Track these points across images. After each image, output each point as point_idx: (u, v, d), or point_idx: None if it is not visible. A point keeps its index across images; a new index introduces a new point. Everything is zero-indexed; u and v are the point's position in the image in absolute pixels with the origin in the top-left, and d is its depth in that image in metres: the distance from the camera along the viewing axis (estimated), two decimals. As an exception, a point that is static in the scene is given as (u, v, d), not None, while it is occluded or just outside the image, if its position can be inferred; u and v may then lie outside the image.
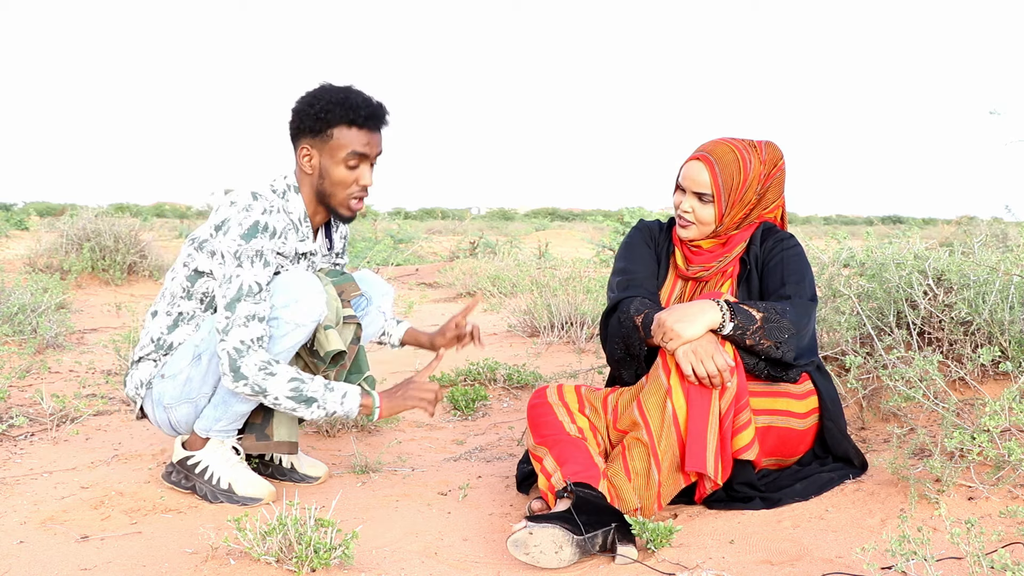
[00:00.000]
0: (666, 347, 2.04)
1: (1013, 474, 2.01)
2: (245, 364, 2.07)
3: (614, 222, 10.88)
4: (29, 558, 1.91)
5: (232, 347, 2.07)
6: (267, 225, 2.13)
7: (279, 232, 2.16)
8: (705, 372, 1.98)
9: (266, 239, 2.13)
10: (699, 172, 2.23)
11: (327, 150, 2.21)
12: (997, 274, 2.69)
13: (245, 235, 2.11)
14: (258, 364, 2.08)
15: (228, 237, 2.12)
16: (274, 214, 2.16)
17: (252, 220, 2.12)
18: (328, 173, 2.23)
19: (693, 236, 2.28)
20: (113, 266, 6.86)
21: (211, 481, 2.26)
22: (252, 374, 2.07)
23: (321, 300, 2.15)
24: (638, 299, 2.21)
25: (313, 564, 1.76)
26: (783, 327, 2.06)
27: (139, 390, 2.31)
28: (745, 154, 2.23)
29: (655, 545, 1.88)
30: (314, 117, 2.19)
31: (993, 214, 10.73)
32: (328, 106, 2.18)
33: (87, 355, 4.17)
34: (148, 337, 2.30)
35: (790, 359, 2.08)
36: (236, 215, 2.13)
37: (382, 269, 8.05)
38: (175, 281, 2.27)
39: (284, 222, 2.19)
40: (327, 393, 2.13)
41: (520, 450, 2.75)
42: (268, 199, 2.18)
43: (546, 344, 4.43)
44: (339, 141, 2.20)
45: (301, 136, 2.23)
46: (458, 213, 26.41)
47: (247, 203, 2.15)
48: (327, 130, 2.20)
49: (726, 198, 2.22)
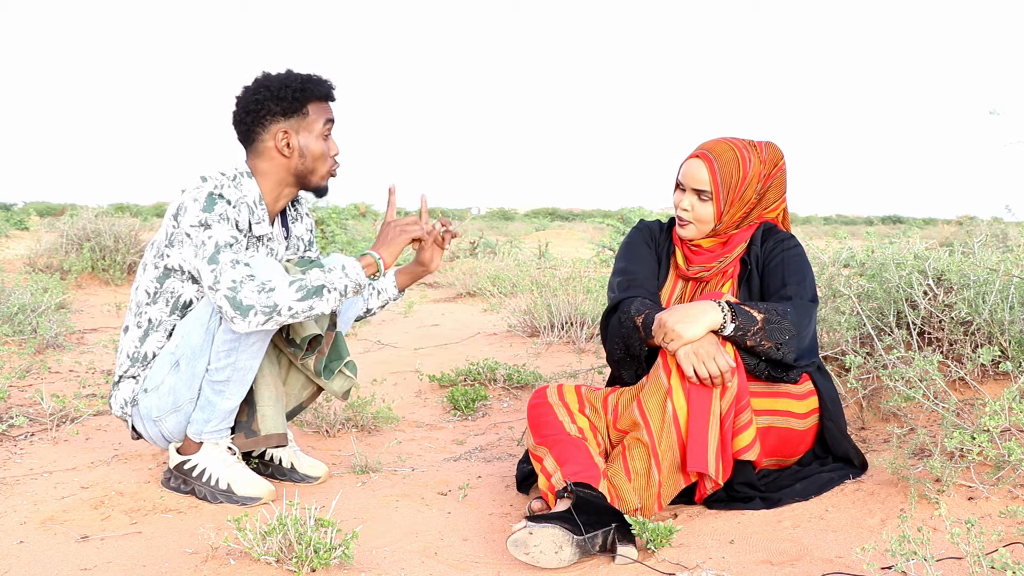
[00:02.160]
0: (667, 348, 2.04)
1: (1013, 474, 2.01)
2: (244, 296, 2.07)
3: (614, 222, 10.88)
4: (29, 558, 1.91)
5: (227, 288, 2.08)
6: (221, 195, 2.17)
7: (234, 202, 2.19)
8: (707, 373, 1.98)
9: (225, 204, 2.16)
10: (698, 169, 2.23)
11: (304, 126, 2.27)
12: (997, 274, 2.69)
13: (205, 207, 2.14)
14: (255, 289, 2.08)
15: (189, 214, 2.15)
16: (226, 188, 2.20)
17: (206, 192, 2.16)
18: (309, 150, 2.28)
19: (692, 235, 2.28)
20: (113, 266, 6.86)
21: (210, 483, 2.26)
22: (256, 300, 2.07)
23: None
24: (638, 299, 2.21)
25: (313, 564, 1.76)
26: (784, 328, 2.06)
27: (125, 409, 2.31)
28: (745, 153, 2.23)
29: (655, 545, 1.88)
30: (290, 99, 2.24)
31: (993, 214, 10.73)
32: (301, 86, 2.25)
33: (87, 355, 4.17)
34: (124, 354, 2.31)
35: (790, 360, 2.08)
36: (188, 196, 2.18)
37: (382, 269, 8.04)
38: (139, 290, 2.28)
39: (237, 195, 2.21)
40: (329, 275, 2.14)
41: (520, 450, 2.75)
42: (217, 179, 2.22)
43: (546, 344, 4.43)
44: (315, 116, 2.27)
45: (270, 122, 2.25)
46: (458, 213, 26.39)
47: (196, 184, 2.21)
48: (303, 108, 2.26)
49: (725, 196, 2.22)
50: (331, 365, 2.35)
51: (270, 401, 2.29)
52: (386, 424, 3.06)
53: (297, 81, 2.25)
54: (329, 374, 2.35)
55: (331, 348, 2.35)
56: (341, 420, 2.99)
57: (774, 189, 2.28)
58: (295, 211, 2.47)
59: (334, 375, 2.36)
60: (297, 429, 2.97)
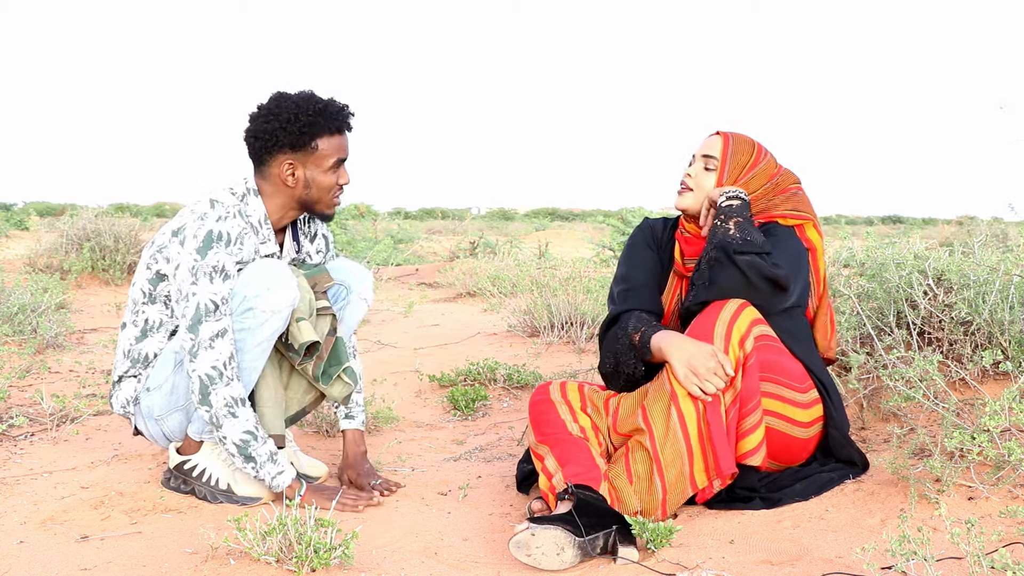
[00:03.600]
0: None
1: (1013, 474, 2.01)
2: (215, 394, 2.10)
3: (614, 222, 10.87)
4: (29, 558, 1.91)
5: (204, 372, 2.09)
6: (221, 234, 2.13)
7: (235, 239, 2.16)
8: (712, 389, 2.00)
9: (222, 250, 2.12)
10: (714, 141, 2.30)
11: (312, 161, 2.22)
12: (997, 274, 2.69)
13: (200, 248, 2.10)
14: (226, 400, 2.10)
15: (185, 250, 2.11)
16: (229, 220, 2.17)
17: (206, 230, 2.12)
18: (315, 182, 2.24)
19: (688, 204, 2.28)
20: (113, 266, 6.85)
21: (209, 483, 2.26)
22: (218, 406, 2.10)
23: (293, 284, 2.15)
24: (636, 314, 2.21)
25: (313, 564, 1.76)
26: (762, 243, 2.11)
27: (127, 408, 2.32)
28: (763, 149, 2.30)
29: (655, 545, 1.88)
30: (297, 133, 2.19)
31: (993, 214, 10.74)
32: (311, 119, 2.19)
33: (87, 355, 4.17)
34: (120, 352, 2.31)
35: (782, 275, 2.08)
36: (192, 224, 2.14)
37: (382, 269, 8.05)
38: (136, 286, 2.28)
39: (240, 227, 2.18)
40: (267, 464, 2.15)
41: (520, 450, 2.75)
42: (225, 204, 2.20)
43: (546, 344, 4.43)
44: (324, 151, 2.22)
45: (278, 151, 2.21)
46: (458, 213, 26.40)
47: (203, 211, 2.17)
48: (311, 143, 2.21)
49: (729, 170, 2.23)
50: (330, 370, 2.35)
51: (270, 402, 2.29)
52: (386, 424, 3.06)
53: (307, 113, 2.19)
54: (328, 379, 2.35)
55: (331, 354, 2.35)
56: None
57: (787, 203, 2.27)
58: (308, 227, 2.46)
59: (333, 380, 2.36)
60: (297, 429, 2.97)
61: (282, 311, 2.14)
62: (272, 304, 2.12)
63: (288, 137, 2.19)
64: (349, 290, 2.47)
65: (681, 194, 2.29)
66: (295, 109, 2.20)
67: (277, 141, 2.20)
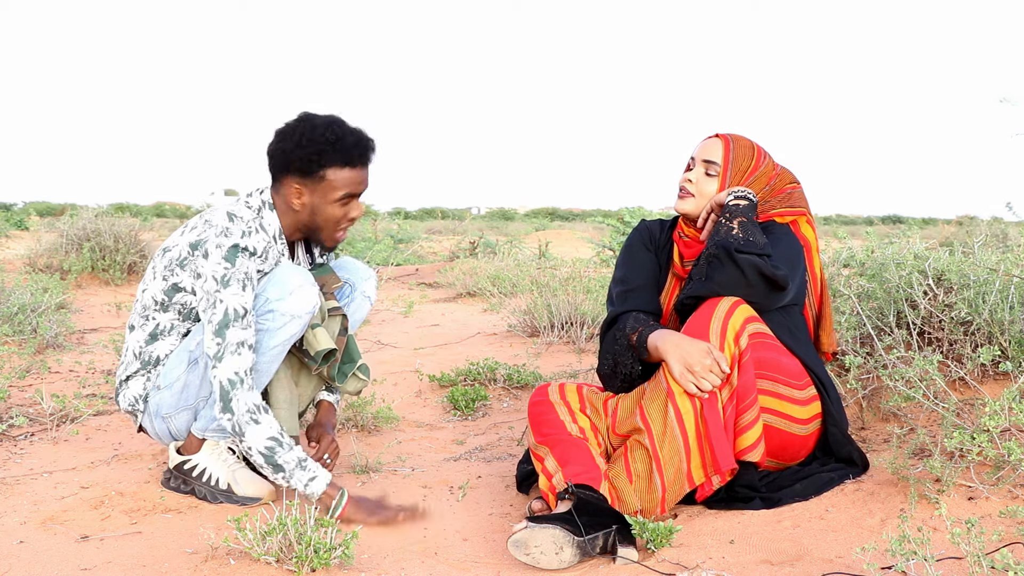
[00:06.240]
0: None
1: (1013, 474, 2.01)
2: (236, 400, 2.06)
3: (614, 222, 10.86)
4: (29, 558, 1.91)
5: (226, 377, 2.06)
6: (246, 247, 2.12)
7: (260, 252, 2.15)
8: (708, 387, 2.00)
9: (247, 259, 2.11)
10: (714, 145, 2.28)
11: (319, 190, 2.18)
12: (997, 274, 2.69)
13: (227, 256, 2.09)
14: (248, 406, 2.06)
15: (211, 261, 2.09)
16: (253, 235, 2.15)
17: (232, 243, 2.11)
18: (319, 211, 2.20)
19: (689, 209, 2.28)
20: (113, 266, 6.85)
21: (209, 483, 2.26)
22: (240, 412, 2.06)
23: (315, 291, 2.15)
24: (634, 315, 2.22)
25: (313, 564, 1.76)
26: (763, 242, 2.11)
27: (136, 405, 2.31)
28: (762, 151, 2.30)
29: (655, 545, 1.88)
30: (306, 159, 2.14)
31: (993, 214, 10.74)
32: (321, 148, 2.13)
33: (87, 355, 4.17)
34: (130, 352, 2.30)
35: (780, 276, 2.08)
36: (214, 238, 2.12)
37: (382, 269, 8.04)
38: (147, 293, 2.25)
39: (264, 241, 2.18)
40: (296, 470, 2.08)
41: (520, 450, 2.75)
42: (245, 219, 2.17)
43: (546, 344, 4.43)
44: (332, 183, 2.17)
45: (288, 174, 2.18)
46: (458, 213, 26.37)
47: (224, 226, 2.14)
48: (319, 172, 2.16)
49: (731, 176, 2.23)
50: (344, 368, 2.36)
51: (285, 403, 2.29)
52: (386, 424, 3.06)
53: (320, 141, 2.12)
54: (343, 378, 2.37)
55: (344, 352, 2.36)
56: (341, 420, 2.99)
57: (784, 201, 2.28)
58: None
59: (347, 378, 2.38)
60: (297, 429, 2.97)
61: (302, 316, 2.14)
62: (293, 308, 2.12)
63: (298, 162, 2.15)
64: (353, 287, 2.48)
65: (682, 198, 2.29)
66: (310, 134, 2.14)
67: (288, 164, 2.17)
